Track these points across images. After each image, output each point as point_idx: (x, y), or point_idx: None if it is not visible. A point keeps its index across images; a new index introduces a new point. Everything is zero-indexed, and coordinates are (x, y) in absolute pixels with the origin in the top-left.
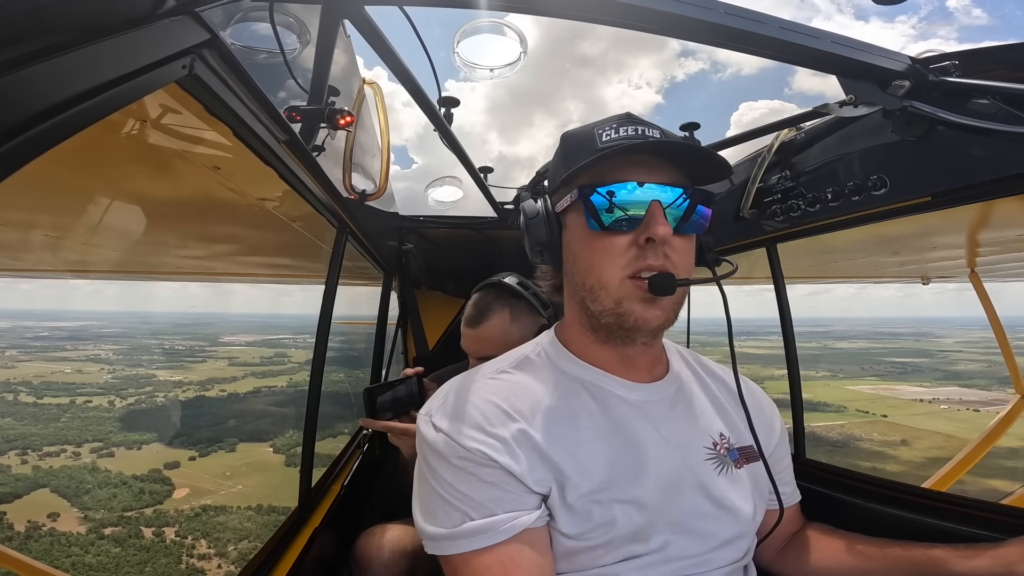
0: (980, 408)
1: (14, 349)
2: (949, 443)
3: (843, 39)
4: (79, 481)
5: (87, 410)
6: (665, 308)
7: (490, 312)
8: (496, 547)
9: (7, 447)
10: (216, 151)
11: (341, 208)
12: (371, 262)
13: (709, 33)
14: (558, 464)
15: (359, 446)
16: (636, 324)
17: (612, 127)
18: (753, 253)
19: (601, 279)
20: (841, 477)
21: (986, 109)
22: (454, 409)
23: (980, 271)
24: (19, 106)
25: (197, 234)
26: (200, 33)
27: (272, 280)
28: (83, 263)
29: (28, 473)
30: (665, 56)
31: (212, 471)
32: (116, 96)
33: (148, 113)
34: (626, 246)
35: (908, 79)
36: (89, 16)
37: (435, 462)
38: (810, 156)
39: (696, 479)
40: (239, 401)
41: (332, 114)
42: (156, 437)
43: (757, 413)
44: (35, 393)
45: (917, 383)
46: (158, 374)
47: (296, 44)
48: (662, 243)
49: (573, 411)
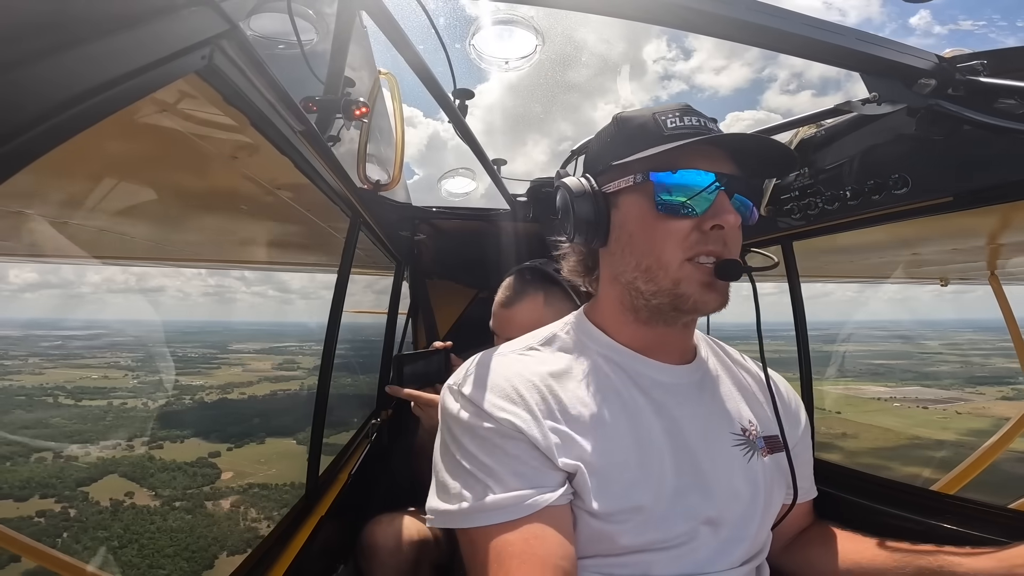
0: (929, 405)
1: (35, 357)
2: (886, 436)
3: (868, 36)
4: (141, 467)
5: (126, 411)
6: (722, 292)
7: (524, 295)
8: (518, 523)
9: (67, 441)
10: (233, 141)
11: (355, 198)
12: (383, 252)
13: (731, 28)
14: (585, 442)
15: (367, 435)
16: (695, 306)
17: (676, 115)
18: (767, 250)
19: (661, 259)
20: (850, 478)
21: (1013, 109)
22: (481, 380)
23: (1000, 274)
24: (42, 96)
25: (214, 222)
26: (219, 23)
27: (285, 269)
28: (101, 249)
29: (94, 462)
30: (649, 79)
31: (249, 458)
32: (137, 86)
33: (167, 103)
34: (688, 230)
35: (934, 78)
36: (112, 6)
37: (459, 432)
38: (829, 154)
39: (726, 464)
40: (260, 402)
41: (348, 105)
42: (193, 432)
43: (783, 405)
44: (73, 397)
45: (883, 383)
46: (180, 379)
47: (313, 35)
48: (729, 231)
49: (602, 389)
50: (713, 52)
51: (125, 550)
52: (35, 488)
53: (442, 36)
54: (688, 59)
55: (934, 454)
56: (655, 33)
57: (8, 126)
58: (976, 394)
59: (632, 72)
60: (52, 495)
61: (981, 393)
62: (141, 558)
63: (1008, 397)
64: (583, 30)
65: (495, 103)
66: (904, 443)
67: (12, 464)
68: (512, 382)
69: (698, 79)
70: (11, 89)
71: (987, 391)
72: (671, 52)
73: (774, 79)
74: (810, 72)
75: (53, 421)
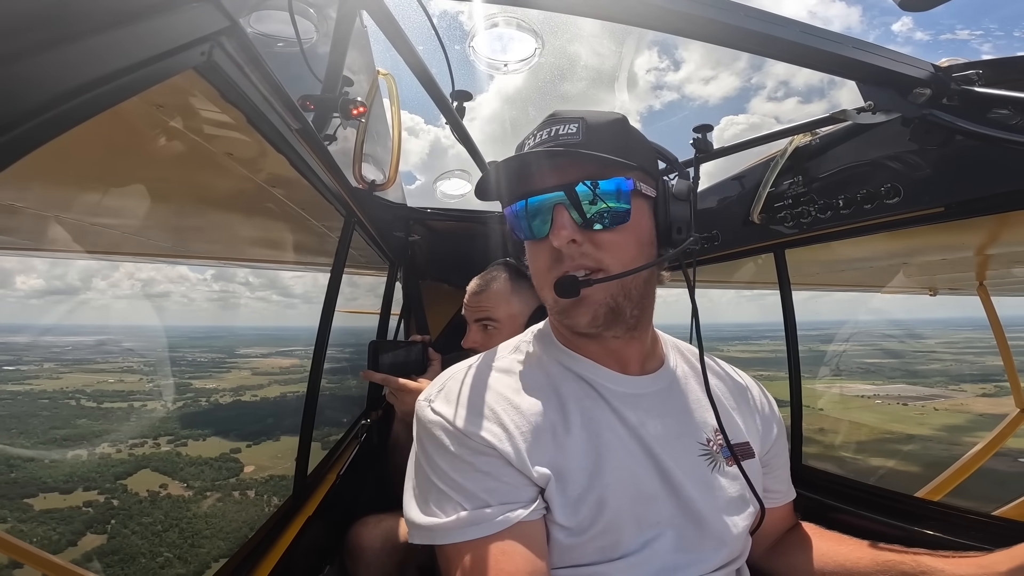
0: (908, 403)
1: (49, 362)
2: (858, 430)
3: (864, 44)
4: (170, 462)
5: (147, 412)
6: (590, 304)
7: (493, 280)
8: (490, 539)
9: (98, 440)
10: (229, 137)
11: (350, 197)
12: (377, 252)
13: (728, 35)
14: (554, 456)
15: (356, 436)
16: (572, 323)
17: (533, 134)
18: (759, 258)
19: (539, 283)
20: (836, 484)
21: (1006, 119)
22: (453, 396)
23: (989, 285)
24: (41, 88)
25: (208, 217)
26: (220, 20)
27: (278, 267)
28: (96, 245)
29: (126, 458)
30: (640, 90)
31: (267, 454)
32: (136, 80)
33: (165, 98)
34: (549, 251)
35: (930, 87)
36: (113, 1)
37: (432, 449)
38: (823, 162)
39: (687, 475)
40: (271, 403)
41: (345, 104)
42: (213, 431)
43: (755, 410)
44: (94, 399)
45: (870, 382)
46: (193, 382)
47: (313, 33)
48: (568, 247)
49: (568, 401)
50: (701, 64)
51: (168, 533)
52: (78, 482)
53: (442, 37)
54: (678, 70)
55: (901, 447)
56: (647, 44)
57: (7, 117)
58: (958, 391)
59: (623, 83)
60: (94, 487)
61: (963, 390)
62: (183, 539)
63: (988, 394)
64: (576, 44)
65: (495, 113)
66: (875, 438)
67: (51, 461)
68: (482, 397)
69: (689, 88)
70: (11, 81)
71: (969, 388)
72: (663, 63)
73: (762, 86)
74: (795, 80)
75: (80, 422)
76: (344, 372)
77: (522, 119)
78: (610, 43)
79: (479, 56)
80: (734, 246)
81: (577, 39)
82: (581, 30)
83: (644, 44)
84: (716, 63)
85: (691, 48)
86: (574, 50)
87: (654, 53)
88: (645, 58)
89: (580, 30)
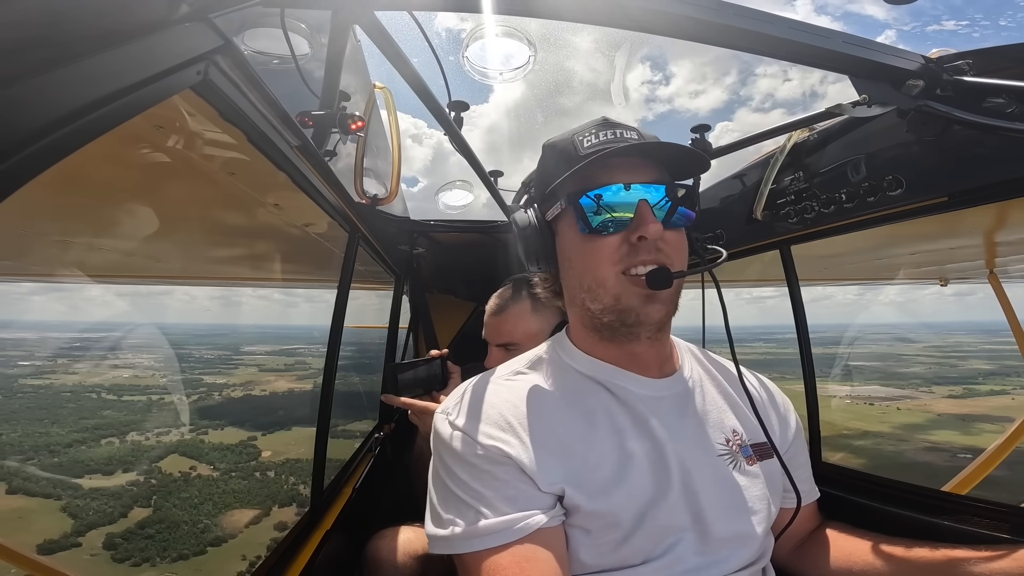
0: (876, 403)
1: (62, 358)
2: (823, 428)
3: (855, 39)
4: (196, 448)
5: (166, 404)
6: (664, 301)
7: (513, 301)
8: (510, 546)
9: (127, 429)
10: (230, 157)
11: (353, 213)
12: (382, 266)
13: (718, 34)
14: (573, 462)
15: (371, 449)
16: (638, 319)
17: (591, 133)
18: (766, 255)
19: (597, 277)
20: (859, 480)
21: (1002, 108)
22: (471, 408)
23: (999, 272)
24: (37, 113)
25: (213, 238)
26: (214, 39)
27: (285, 285)
28: (99, 267)
29: (154, 445)
30: (634, 101)
31: (281, 442)
32: (133, 102)
33: (163, 119)
34: (617, 245)
35: (922, 78)
36: (104, 22)
37: (451, 460)
38: (823, 157)
39: (710, 475)
40: (280, 397)
41: (344, 119)
42: (230, 422)
43: (771, 409)
44: (113, 393)
45: (846, 383)
46: (204, 377)
47: (307, 49)
48: (654, 240)
49: (588, 408)
50: (690, 78)
51: (203, 505)
52: (117, 464)
53: (436, 49)
54: (669, 84)
55: (856, 442)
56: (640, 58)
57: (4, 144)
58: (927, 392)
59: (618, 96)
60: (132, 469)
61: (931, 392)
62: (217, 509)
63: (955, 395)
64: (571, 61)
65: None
66: (831, 434)
67: (88, 447)
68: (500, 409)
69: (680, 101)
70: (6, 106)
71: (938, 390)
72: (655, 76)
73: (750, 98)
74: (779, 94)
75: (106, 413)
76: (357, 385)
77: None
78: (603, 62)
79: (473, 65)
80: (739, 244)
81: (573, 56)
82: (577, 49)
83: (636, 59)
84: (703, 78)
85: (681, 63)
86: (570, 66)
87: (647, 67)
88: (638, 72)
89: (576, 49)
